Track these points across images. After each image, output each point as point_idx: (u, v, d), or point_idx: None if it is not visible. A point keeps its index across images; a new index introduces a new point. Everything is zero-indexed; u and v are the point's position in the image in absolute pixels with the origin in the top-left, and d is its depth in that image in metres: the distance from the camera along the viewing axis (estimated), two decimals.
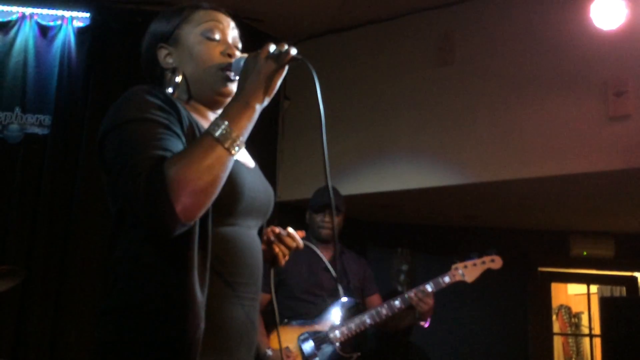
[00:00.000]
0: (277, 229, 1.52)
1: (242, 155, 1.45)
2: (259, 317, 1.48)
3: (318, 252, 2.64)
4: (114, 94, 3.96)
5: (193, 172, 1.14)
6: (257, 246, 1.41)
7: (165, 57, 1.44)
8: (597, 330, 6.01)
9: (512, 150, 3.71)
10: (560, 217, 5.15)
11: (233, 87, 1.42)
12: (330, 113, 1.80)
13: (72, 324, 3.64)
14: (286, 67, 1.30)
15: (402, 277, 5.41)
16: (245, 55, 1.37)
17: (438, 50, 4.05)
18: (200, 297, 1.20)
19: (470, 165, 3.83)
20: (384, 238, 5.46)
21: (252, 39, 1.51)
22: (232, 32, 1.49)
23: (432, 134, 4.00)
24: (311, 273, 3.28)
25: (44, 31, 4.04)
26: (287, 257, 1.53)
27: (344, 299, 3.22)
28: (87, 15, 4.04)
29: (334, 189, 3.41)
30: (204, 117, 1.45)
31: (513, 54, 3.78)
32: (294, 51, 1.29)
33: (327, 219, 3.33)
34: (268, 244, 1.51)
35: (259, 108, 1.28)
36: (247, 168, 1.43)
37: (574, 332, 6.94)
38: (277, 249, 1.50)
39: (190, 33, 1.43)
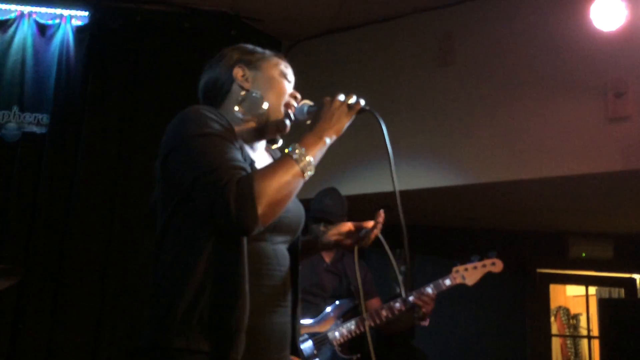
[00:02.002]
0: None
1: None
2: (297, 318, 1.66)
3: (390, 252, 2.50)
4: (113, 93, 3.97)
5: (275, 186, 1.37)
6: (281, 260, 1.57)
7: (242, 76, 1.64)
8: (595, 332, 6.00)
9: (511, 152, 3.70)
10: (559, 218, 5.15)
11: (288, 126, 1.66)
12: None
13: (70, 323, 3.63)
14: (354, 115, 1.58)
15: (400, 279, 5.39)
16: (307, 101, 1.65)
17: (438, 51, 4.04)
18: (248, 294, 1.38)
19: (469, 167, 3.83)
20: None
21: (252, 39, 1.55)
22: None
23: (431, 134, 3.99)
24: (313, 273, 3.27)
25: (43, 30, 4.02)
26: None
27: (344, 301, 3.21)
28: (86, 14, 4.03)
29: (337, 193, 3.39)
30: (248, 141, 1.61)
31: (513, 55, 3.77)
32: (362, 102, 1.59)
33: (322, 228, 3.32)
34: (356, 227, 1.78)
35: (328, 142, 1.53)
36: None
37: (572, 333, 6.93)
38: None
39: (273, 67, 1.68)
